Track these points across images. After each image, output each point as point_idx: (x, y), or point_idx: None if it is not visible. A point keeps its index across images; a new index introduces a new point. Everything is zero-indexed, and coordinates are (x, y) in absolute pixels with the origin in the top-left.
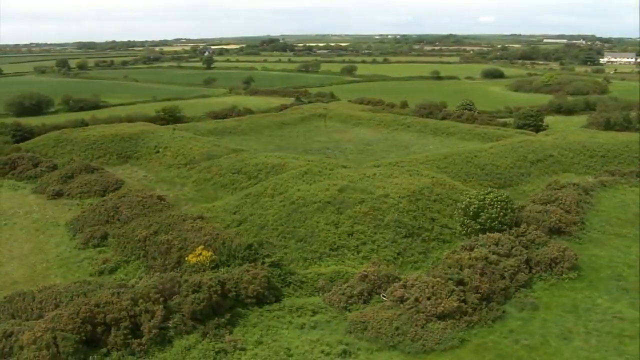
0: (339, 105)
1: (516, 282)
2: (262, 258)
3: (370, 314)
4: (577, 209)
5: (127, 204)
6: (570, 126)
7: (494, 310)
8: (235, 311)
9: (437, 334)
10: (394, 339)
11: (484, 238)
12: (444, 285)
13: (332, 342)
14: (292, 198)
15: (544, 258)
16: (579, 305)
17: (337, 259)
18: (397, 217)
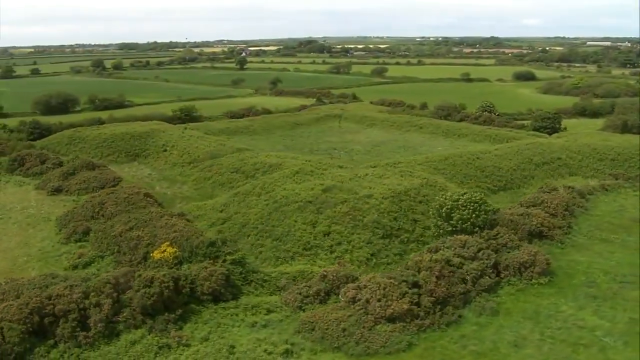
0: (356, 106)
1: (479, 286)
2: (224, 255)
3: (320, 315)
4: (565, 213)
5: (112, 201)
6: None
7: (449, 314)
8: (189, 307)
9: (383, 336)
10: (339, 340)
11: (450, 240)
12: (397, 287)
13: (277, 341)
14: (276, 197)
15: (513, 262)
16: (542, 312)
17: (309, 258)
18: (377, 217)
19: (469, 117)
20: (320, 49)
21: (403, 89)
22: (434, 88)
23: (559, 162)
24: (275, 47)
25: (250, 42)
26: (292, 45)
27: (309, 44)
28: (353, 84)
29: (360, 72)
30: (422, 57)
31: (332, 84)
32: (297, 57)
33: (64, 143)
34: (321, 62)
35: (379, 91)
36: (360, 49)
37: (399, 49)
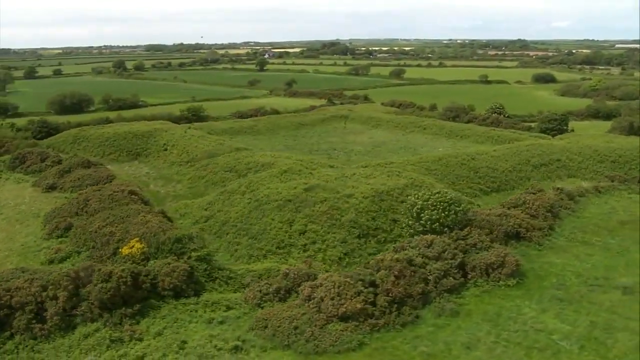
0: (364, 108)
1: (441, 286)
2: (190, 252)
3: (274, 312)
4: (547, 214)
5: (97, 198)
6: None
7: (406, 314)
8: (148, 302)
9: (334, 335)
10: (289, 338)
11: (416, 240)
12: (352, 286)
13: (229, 337)
14: (258, 196)
15: (480, 263)
16: (503, 314)
17: (282, 257)
18: (354, 217)
19: (477, 118)
20: (344, 51)
21: (418, 90)
22: (450, 90)
23: (558, 163)
24: (299, 49)
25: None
26: (315, 47)
27: (332, 45)
28: (369, 86)
29: (379, 74)
30: (445, 59)
31: (348, 85)
32: (319, 59)
33: (68, 142)
34: (342, 64)
35: (393, 92)
36: (384, 51)
37: (423, 51)
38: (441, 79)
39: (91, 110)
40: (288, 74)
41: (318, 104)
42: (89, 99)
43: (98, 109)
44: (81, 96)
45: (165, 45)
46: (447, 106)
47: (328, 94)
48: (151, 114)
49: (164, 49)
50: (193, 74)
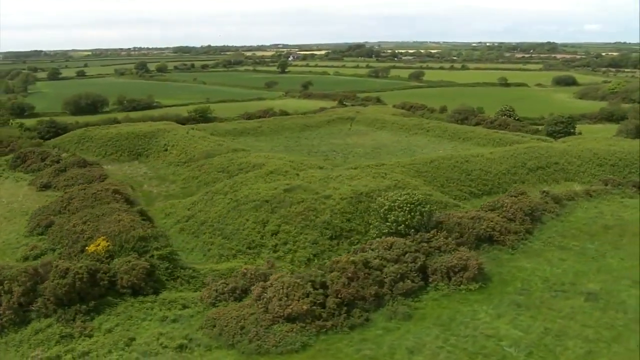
0: (372, 109)
1: (397, 289)
2: (152, 250)
3: (224, 312)
4: (525, 218)
5: (81, 196)
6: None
7: (356, 317)
8: (105, 300)
9: (278, 336)
10: (234, 338)
11: (377, 242)
12: (300, 287)
13: (177, 336)
14: (239, 196)
15: (441, 266)
16: (457, 319)
17: (251, 257)
18: (329, 218)
19: (485, 120)
20: (369, 54)
21: (435, 92)
22: (467, 92)
23: (556, 167)
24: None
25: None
26: (341, 50)
27: (357, 48)
28: (387, 88)
29: (399, 76)
30: (470, 62)
31: (366, 88)
32: (343, 61)
33: (73, 142)
34: (365, 67)
35: (409, 95)
36: (410, 54)
37: (450, 54)
38: (460, 82)
39: (106, 111)
40: (308, 75)
41: (329, 106)
42: (103, 99)
43: (112, 110)
44: (96, 97)
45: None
46: (456, 108)
47: (341, 96)
48: (159, 114)
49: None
50: (214, 76)
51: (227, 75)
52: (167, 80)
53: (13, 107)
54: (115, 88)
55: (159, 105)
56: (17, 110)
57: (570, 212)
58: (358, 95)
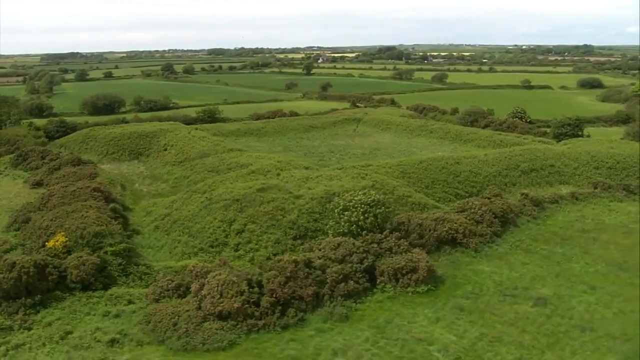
0: (381, 111)
1: (338, 290)
2: (107, 247)
3: (161, 308)
4: (493, 220)
5: (60, 194)
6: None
7: (290, 316)
8: (53, 294)
9: (207, 333)
10: (165, 334)
11: (325, 241)
12: (236, 284)
13: (112, 331)
14: (213, 195)
15: (388, 268)
16: (394, 321)
17: (212, 255)
18: (295, 218)
19: (494, 122)
20: (399, 56)
21: (453, 94)
22: (486, 94)
23: (551, 169)
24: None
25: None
26: (372, 52)
27: (388, 50)
28: (407, 90)
29: (422, 79)
30: (499, 64)
31: (385, 89)
32: (371, 64)
33: (78, 141)
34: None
35: (427, 97)
36: (441, 57)
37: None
38: (482, 84)
39: (122, 111)
40: (332, 77)
41: (341, 107)
42: (120, 100)
43: (130, 110)
44: (113, 98)
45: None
46: (466, 110)
47: (357, 98)
48: (167, 115)
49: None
50: (238, 77)
51: (252, 76)
52: (190, 81)
53: (32, 107)
54: (138, 89)
55: (176, 105)
56: (35, 110)
57: (550, 215)
58: (373, 97)
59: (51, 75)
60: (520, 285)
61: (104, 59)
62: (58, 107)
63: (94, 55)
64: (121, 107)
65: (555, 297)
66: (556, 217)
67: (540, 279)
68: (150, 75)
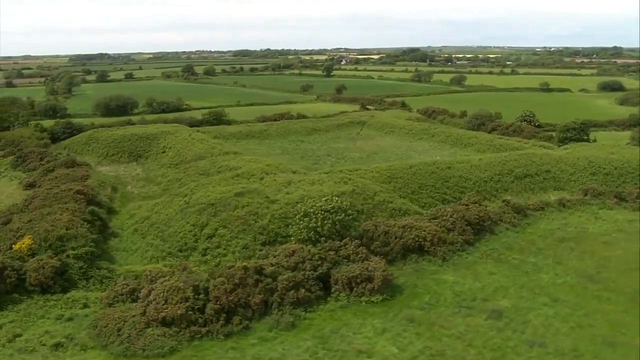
0: (387, 114)
1: (288, 298)
2: (69, 250)
3: (110, 312)
4: (465, 228)
5: (43, 196)
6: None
7: (235, 324)
8: (11, 296)
9: (149, 339)
10: (109, 339)
11: (281, 248)
12: (181, 291)
13: (60, 334)
14: (190, 199)
15: (342, 277)
16: (340, 332)
17: (179, 259)
18: (267, 223)
19: (501, 126)
20: (423, 58)
21: (467, 97)
22: (502, 97)
23: (546, 175)
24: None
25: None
26: (395, 54)
27: (412, 52)
28: (423, 92)
29: (440, 81)
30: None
31: (401, 91)
32: (393, 65)
33: (82, 143)
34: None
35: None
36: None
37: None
38: (500, 87)
39: (135, 113)
40: (350, 79)
41: (351, 110)
42: (133, 102)
43: (142, 112)
44: (126, 99)
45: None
46: (474, 113)
47: (368, 100)
48: (173, 117)
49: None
50: (257, 79)
51: (271, 78)
52: (210, 83)
53: (46, 108)
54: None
55: (188, 107)
56: (50, 111)
57: (532, 223)
58: (385, 99)
59: (70, 77)
60: (480, 296)
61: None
62: (74, 108)
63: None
64: (134, 108)
65: (512, 310)
66: (538, 225)
67: (503, 289)
68: (170, 77)
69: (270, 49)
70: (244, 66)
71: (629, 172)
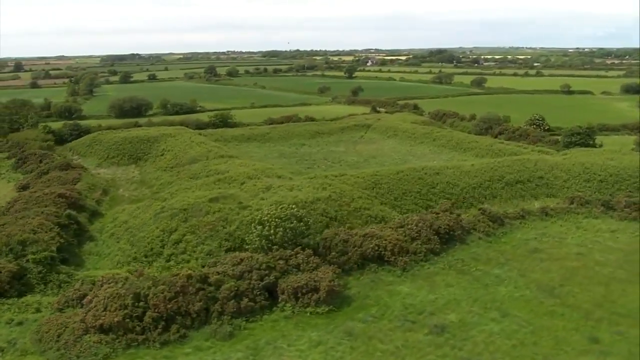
0: (392, 117)
1: (229, 307)
2: (29, 254)
3: (54, 318)
4: (431, 237)
5: (25, 199)
6: None
7: (172, 333)
8: None
9: (85, 346)
10: (48, 345)
11: (230, 256)
12: (121, 298)
13: (3, 339)
14: (166, 204)
15: (288, 287)
16: (275, 343)
17: (144, 265)
18: (234, 229)
19: (508, 130)
20: (449, 59)
21: (483, 99)
22: (520, 99)
23: (539, 181)
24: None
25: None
26: (422, 55)
27: (439, 53)
28: (441, 94)
29: (461, 83)
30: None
31: (419, 94)
32: (418, 67)
33: (85, 145)
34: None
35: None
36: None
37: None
38: (521, 89)
39: (149, 114)
40: (373, 81)
41: (362, 112)
42: (147, 103)
43: (156, 113)
44: (140, 101)
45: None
46: (482, 117)
47: (380, 103)
48: (180, 119)
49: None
50: (277, 80)
51: (293, 79)
52: (229, 84)
53: (61, 109)
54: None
55: (203, 109)
56: (65, 112)
57: (508, 232)
58: (398, 102)
59: (91, 78)
60: (428, 309)
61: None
62: (92, 109)
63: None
64: (148, 110)
65: (458, 325)
66: (514, 234)
67: (455, 303)
68: (192, 78)
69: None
70: (269, 67)
71: (624, 180)
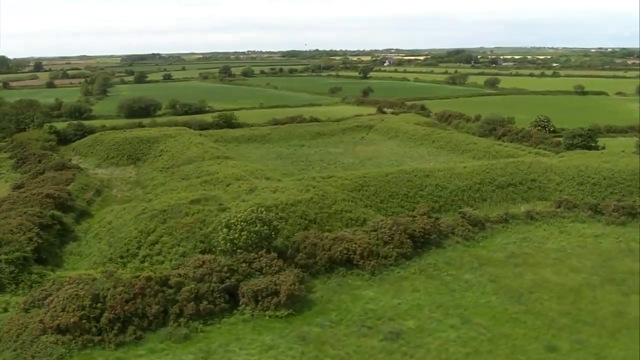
0: (395, 118)
1: (188, 310)
2: (1, 255)
3: (17, 318)
4: (405, 241)
5: (12, 199)
6: None
7: (128, 334)
8: None
9: (41, 346)
10: (6, 345)
11: (193, 259)
12: (80, 298)
13: None
14: (148, 205)
15: (248, 290)
16: (228, 347)
17: (118, 266)
18: (210, 232)
19: (511, 131)
20: (467, 59)
21: (493, 100)
22: (529, 100)
23: (532, 184)
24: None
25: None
26: (440, 55)
27: (456, 53)
28: (452, 95)
29: (475, 83)
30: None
31: (429, 94)
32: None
33: (87, 145)
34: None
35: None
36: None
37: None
38: (535, 89)
39: (158, 114)
40: (387, 81)
41: (368, 113)
42: (156, 103)
43: (164, 114)
44: (149, 101)
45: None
46: (486, 118)
47: (387, 103)
48: (183, 120)
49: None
50: (290, 81)
51: (307, 80)
52: (241, 84)
53: (71, 109)
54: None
55: (211, 109)
56: (75, 112)
57: (488, 236)
58: (406, 102)
59: (105, 78)
60: (388, 315)
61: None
62: (102, 109)
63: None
64: (157, 110)
65: (415, 331)
66: (494, 238)
67: (418, 308)
68: (207, 78)
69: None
70: (284, 67)
71: (618, 183)
